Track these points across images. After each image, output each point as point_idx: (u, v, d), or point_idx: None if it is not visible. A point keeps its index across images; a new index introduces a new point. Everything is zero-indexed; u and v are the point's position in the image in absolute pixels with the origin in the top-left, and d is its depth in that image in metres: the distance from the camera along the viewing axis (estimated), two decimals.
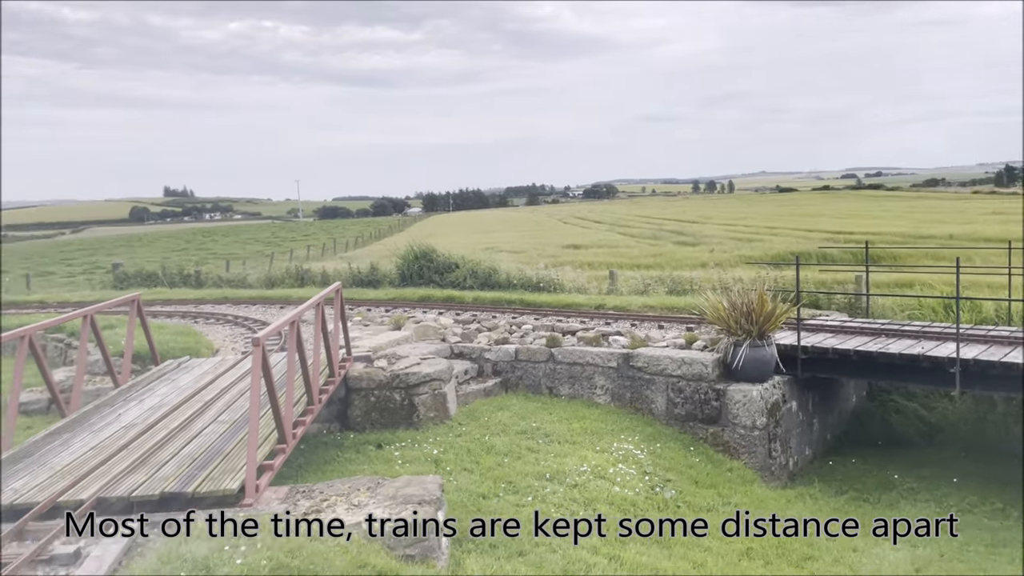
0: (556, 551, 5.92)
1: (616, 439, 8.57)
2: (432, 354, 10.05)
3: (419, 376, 8.69)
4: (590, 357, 10.25)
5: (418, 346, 10.71)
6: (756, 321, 9.20)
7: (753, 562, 6.36)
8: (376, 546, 4.72)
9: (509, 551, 5.88)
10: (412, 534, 5.04)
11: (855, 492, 8.69)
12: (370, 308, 14.93)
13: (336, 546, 4.45)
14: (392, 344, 10.66)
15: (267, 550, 4.21)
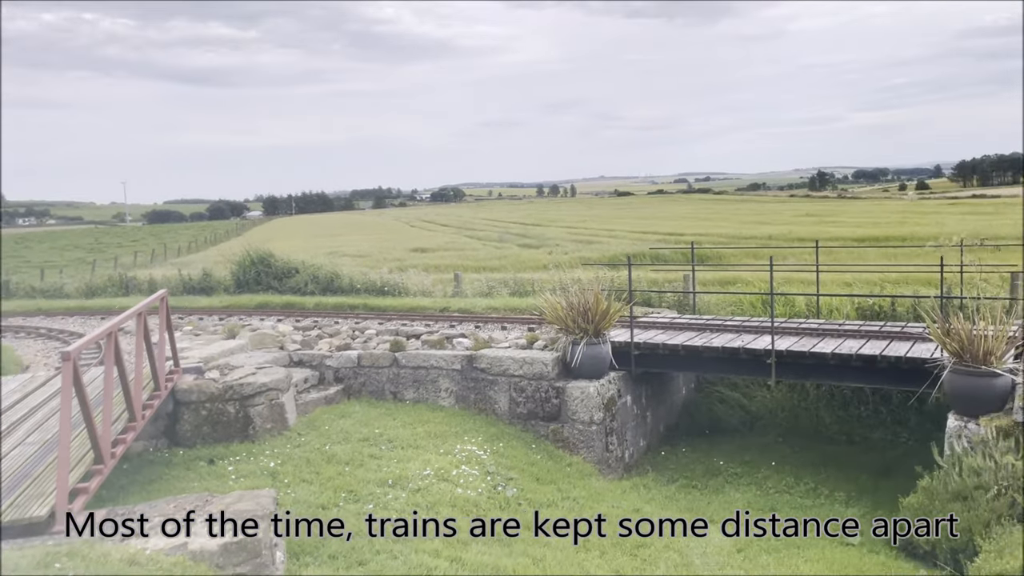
0: (397, 557, 5.87)
1: (460, 441, 8.61)
2: (269, 363, 9.71)
3: (254, 386, 8.37)
4: (434, 360, 10.25)
5: (254, 355, 10.30)
6: (592, 320, 9.51)
7: (590, 553, 6.58)
8: (203, 567, 4.49)
9: (349, 561, 5.77)
10: (243, 552, 4.84)
11: (685, 480, 9.18)
12: (202, 317, 14.22)
13: (157, 569, 4.20)
14: (226, 354, 10.20)
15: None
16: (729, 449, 10.13)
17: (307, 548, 5.90)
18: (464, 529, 6.50)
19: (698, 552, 6.81)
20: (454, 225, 68.50)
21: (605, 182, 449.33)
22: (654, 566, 6.44)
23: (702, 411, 11.36)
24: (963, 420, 7.24)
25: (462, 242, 43.55)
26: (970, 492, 6.49)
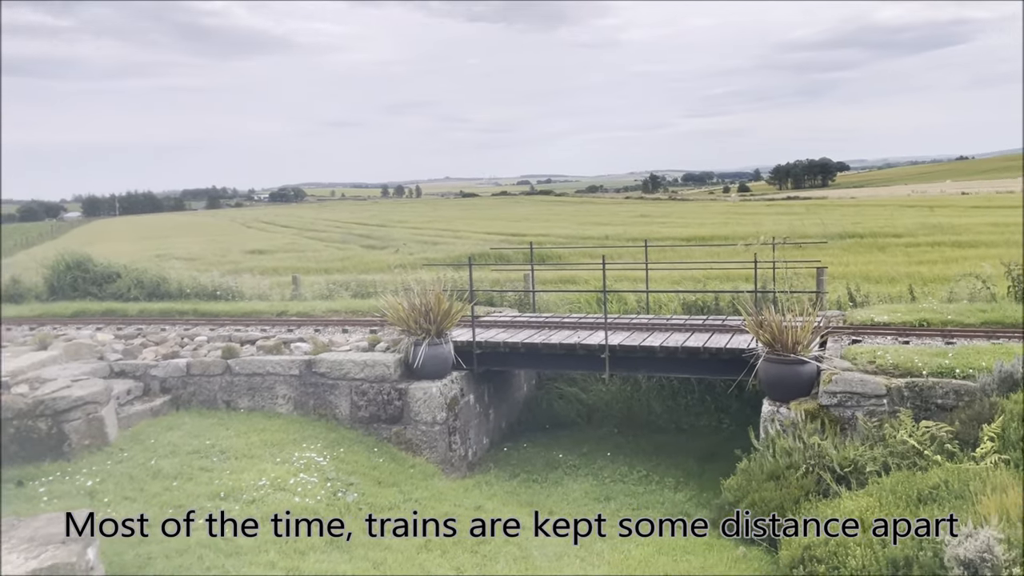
0: (230, 572, 5.63)
1: (298, 448, 8.38)
2: (87, 375, 9.04)
3: (69, 400, 7.77)
4: (270, 366, 9.91)
5: (69, 367, 9.55)
6: (434, 320, 9.53)
7: (431, 553, 6.58)
8: None
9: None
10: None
11: (526, 474, 9.38)
12: (10, 327, 13.01)
13: None
14: (36, 366, 9.39)
15: None
16: (568, 442, 10.45)
17: (129, 569, 5.55)
18: (301, 538, 6.33)
19: (537, 544, 6.98)
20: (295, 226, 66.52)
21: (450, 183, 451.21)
22: (494, 561, 6.53)
23: (542, 407, 11.64)
24: (775, 405, 7.84)
25: (303, 243, 42.37)
26: (782, 471, 7.03)
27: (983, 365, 7.30)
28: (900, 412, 7.14)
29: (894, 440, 6.84)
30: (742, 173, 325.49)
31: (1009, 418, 6.27)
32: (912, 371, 7.53)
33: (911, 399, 7.30)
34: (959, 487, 5.68)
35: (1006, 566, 4.60)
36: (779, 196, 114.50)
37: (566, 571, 6.35)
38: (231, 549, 6.01)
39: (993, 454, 6.09)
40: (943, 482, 5.83)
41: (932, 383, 7.27)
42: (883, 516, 5.72)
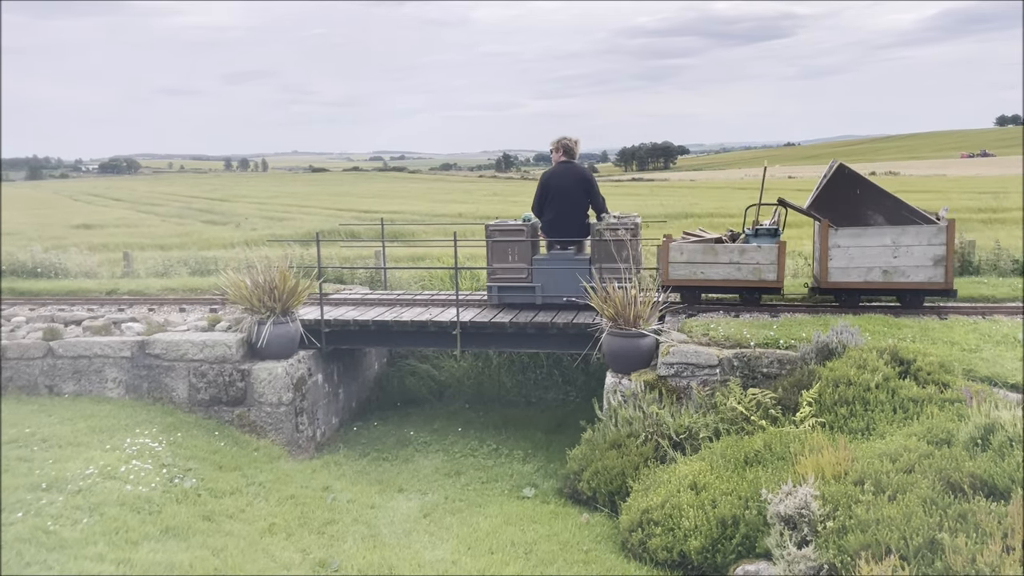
0: (52, 568, 5.25)
1: (131, 434, 7.89)
2: None
3: None
4: (99, 348, 9.26)
5: None
6: (279, 298, 9.21)
7: (276, 537, 6.41)
8: None
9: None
10: None
11: (376, 452, 9.30)
12: None
13: None
14: None
15: None
16: (419, 419, 10.45)
17: None
18: (134, 528, 5.98)
19: (386, 522, 6.94)
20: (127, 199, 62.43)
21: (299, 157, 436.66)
22: (342, 541, 6.44)
23: (394, 384, 11.57)
24: (618, 377, 8.16)
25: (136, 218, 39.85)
26: (623, 440, 7.34)
27: (803, 336, 7.90)
28: (730, 381, 7.61)
29: (724, 407, 7.29)
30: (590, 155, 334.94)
31: (825, 384, 6.83)
32: (741, 342, 8.03)
33: (740, 368, 7.79)
34: (781, 449, 6.13)
35: (821, 520, 5.02)
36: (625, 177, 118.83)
37: (415, 547, 6.36)
38: (54, 543, 5.59)
39: (811, 418, 6.62)
40: (767, 445, 6.28)
41: (759, 353, 7.79)
42: (713, 478, 6.10)
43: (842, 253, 8.91)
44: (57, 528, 5.82)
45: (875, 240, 8.80)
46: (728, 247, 9.19)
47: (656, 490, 6.34)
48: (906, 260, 8.77)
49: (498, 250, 9.90)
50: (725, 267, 9.17)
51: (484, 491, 7.95)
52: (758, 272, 9.10)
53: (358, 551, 6.23)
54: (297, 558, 6.06)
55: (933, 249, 8.71)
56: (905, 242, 8.75)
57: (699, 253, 9.23)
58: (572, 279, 9.52)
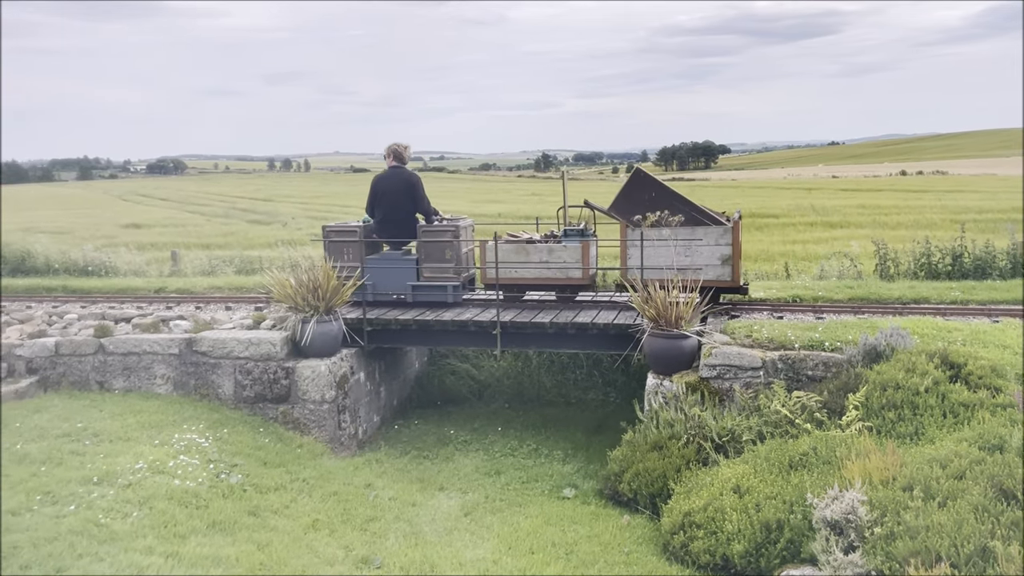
0: (104, 559, 5.38)
1: (178, 430, 8.06)
2: None
3: None
4: (147, 345, 9.46)
5: None
6: (323, 297, 9.32)
7: (319, 533, 6.49)
8: None
9: (45, 568, 5.19)
10: None
11: (417, 451, 9.36)
12: None
13: None
14: None
15: None
16: (459, 418, 10.49)
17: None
18: (182, 522, 6.11)
19: (427, 520, 6.99)
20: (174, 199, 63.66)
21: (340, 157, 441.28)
22: (384, 538, 6.50)
23: (434, 383, 11.63)
24: (659, 378, 8.11)
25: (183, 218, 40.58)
26: (665, 442, 7.30)
27: (850, 338, 7.78)
28: (774, 383, 7.52)
29: (768, 410, 7.21)
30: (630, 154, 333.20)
31: (872, 388, 6.71)
32: (785, 344, 7.93)
33: (784, 371, 7.70)
34: (827, 453, 6.04)
35: (868, 526, 4.94)
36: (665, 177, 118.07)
37: (456, 545, 6.40)
38: (105, 536, 5.74)
39: (857, 421, 6.51)
40: (812, 449, 6.19)
41: (804, 355, 7.69)
42: (757, 482, 6.03)
43: (639, 252, 9.35)
44: (108, 521, 5.96)
45: (668, 239, 9.30)
46: (538, 247, 9.72)
47: (698, 493, 6.30)
48: (697, 259, 9.24)
49: (335, 250, 10.27)
50: (536, 266, 9.74)
51: (524, 491, 7.96)
52: (565, 271, 9.66)
53: (400, 548, 6.28)
54: (340, 554, 6.13)
55: (720, 249, 9.21)
56: (696, 241, 9.25)
57: (512, 253, 9.77)
58: (401, 277, 10.12)
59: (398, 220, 10.30)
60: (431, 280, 9.98)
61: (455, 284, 10.03)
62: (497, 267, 9.71)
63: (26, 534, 5.63)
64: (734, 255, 9.18)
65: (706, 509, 5.98)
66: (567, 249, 9.64)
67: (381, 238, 10.41)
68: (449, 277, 9.94)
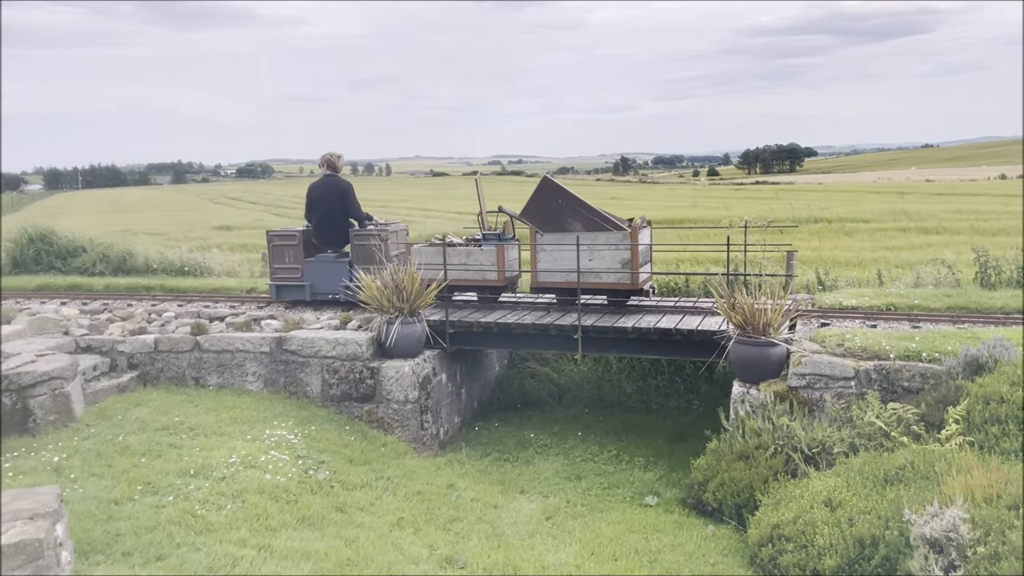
0: (200, 549, 5.59)
1: (269, 426, 8.31)
2: (52, 349, 8.86)
3: (35, 375, 7.62)
4: (240, 343, 9.80)
5: (33, 341, 9.36)
6: (407, 299, 9.47)
7: (404, 531, 6.59)
8: None
9: (146, 556, 5.42)
10: (22, 555, 4.41)
11: (497, 453, 9.41)
12: None
13: None
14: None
15: None
16: (539, 422, 10.50)
17: (98, 546, 5.48)
18: (273, 516, 6.30)
19: (509, 522, 7.02)
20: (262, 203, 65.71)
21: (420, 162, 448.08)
22: (466, 539, 6.55)
23: (514, 386, 11.67)
24: (745, 387, 7.93)
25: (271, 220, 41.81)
26: (751, 452, 7.13)
27: (949, 349, 7.45)
28: (868, 394, 7.26)
29: (861, 422, 6.97)
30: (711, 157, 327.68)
31: (974, 401, 6.41)
32: (880, 354, 7.65)
33: (878, 381, 7.43)
34: (925, 468, 5.80)
35: (971, 545, 4.72)
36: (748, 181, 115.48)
37: (538, 548, 6.40)
38: (202, 526, 5.96)
39: (958, 436, 6.23)
40: (909, 463, 5.95)
41: (899, 366, 7.40)
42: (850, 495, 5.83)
43: (547, 255, 9.93)
44: (204, 512, 6.19)
45: (573, 244, 9.62)
46: (458, 250, 10.39)
47: (787, 505, 6.13)
48: (599, 263, 9.67)
49: (277, 253, 11.24)
50: (456, 268, 10.39)
51: (605, 497, 7.91)
52: (482, 272, 10.30)
53: (483, 550, 6.32)
54: (424, 553, 6.21)
55: (620, 253, 9.60)
56: (598, 246, 9.64)
57: (436, 256, 10.42)
58: (335, 277, 10.83)
59: (331, 225, 11.08)
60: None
61: None
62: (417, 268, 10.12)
63: (128, 522, 5.89)
64: (633, 259, 9.56)
65: (796, 522, 5.82)
66: (484, 252, 10.27)
67: (317, 241, 11.18)
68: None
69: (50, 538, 4.63)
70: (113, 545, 5.54)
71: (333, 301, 10.93)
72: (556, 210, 9.95)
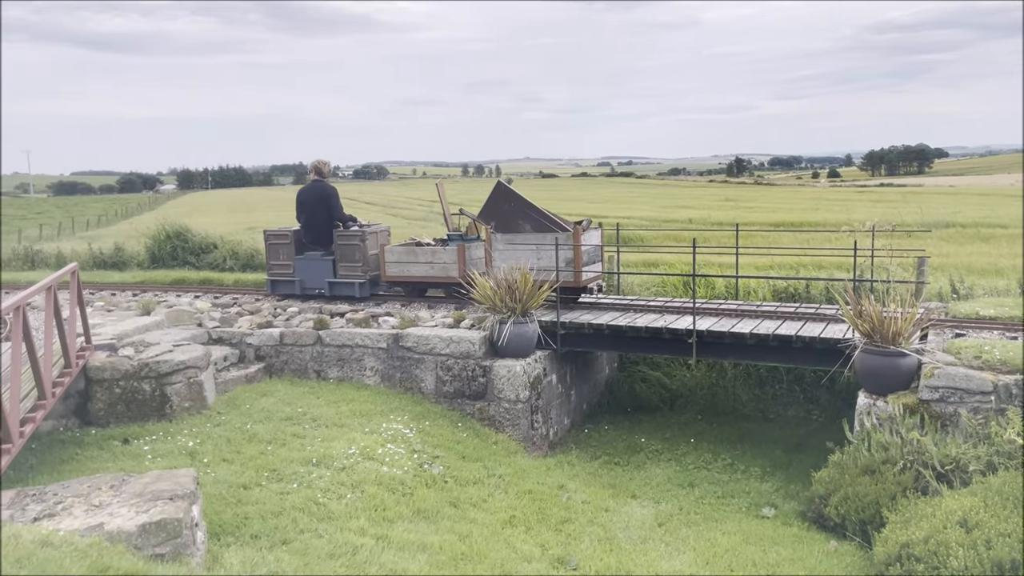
0: (322, 536, 5.81)
1: (386, 419, 8.55)
2: (187, 340, 9.41)
3: (172, 364, 8.10)
4: (359, 339, 10.12)
5: (171, 332, 9.97)
6: (519, 299, 9.54)
7: (516, 529, 6.64)
8: (120, 548, 4.34)
9: (272, 540, 5.67)
10: (162, 532, 4.70)
11: (607, 456, 9.35)
12: (115, 292, 13.67)
13: (72, 551, 4.03)
14: (140, 330, 9.84)
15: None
16: (650, 427, 10.36)
17: (228, 528, 5.77)
18: (390, 507, 6.47)
19: (621, 526, 6.96)
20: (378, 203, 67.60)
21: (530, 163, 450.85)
22: (578, 540, 6.54)
23: (624, 389, 11.56)
24: (872, 398, 7.58)
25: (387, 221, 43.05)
26: (878, 466, 6.81)
27: None
28: (1008, 410, 6.81)
29: (1000, 439, 6.55)
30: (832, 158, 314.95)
31: None
32: (1022, 368, 7.15)
33: (1020, 397, 6.95)
34: None
35: None
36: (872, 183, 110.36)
37: (651, 555, 6.31)
38: (323, 514, 6.19)
39: None
40: None
41: None
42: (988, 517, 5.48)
43: (500, 255, 10.62)
44: (326, 501, 6.43)
45: (523, 244, 10.50)
46: (424, 249, 11.43)
47: (918, 523, 5.82)
48: (547, 261, 10.26)
49: (272, 251, 12.32)
50: (423, 266, 11.40)
51: (720, 506, 7.73)
52: (445, 270, 11.22)
53: (595, 553, 6.30)
54: (536, 552, 6.24)
55: (564, 252, 10.28)
56: (545, 246, 10.34)
57: (404, 255, 11.53)
58: (321, 274, 11.93)
59: (317, 226, 11.97)
60: (344, 278, 11.77)
61: (361, 282, 11.71)
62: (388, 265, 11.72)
63: (255, 507, 6.18)
64: (576, 258, 10.25)
65: (927, 542, 5.51)
66: (447, 251, 11.22)
67: (305, 241, 12.10)
68: (357, 275, 11.67)
69: (187, 518, 4.91)
70: (242, 528, 5.82)
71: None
72: (508, 212, 10.82)
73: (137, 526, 4.67)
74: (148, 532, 4.69)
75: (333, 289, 11.86)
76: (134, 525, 4.67)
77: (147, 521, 4.73)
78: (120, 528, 4.61)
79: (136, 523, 4.69)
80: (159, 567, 4.34)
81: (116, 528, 4.60)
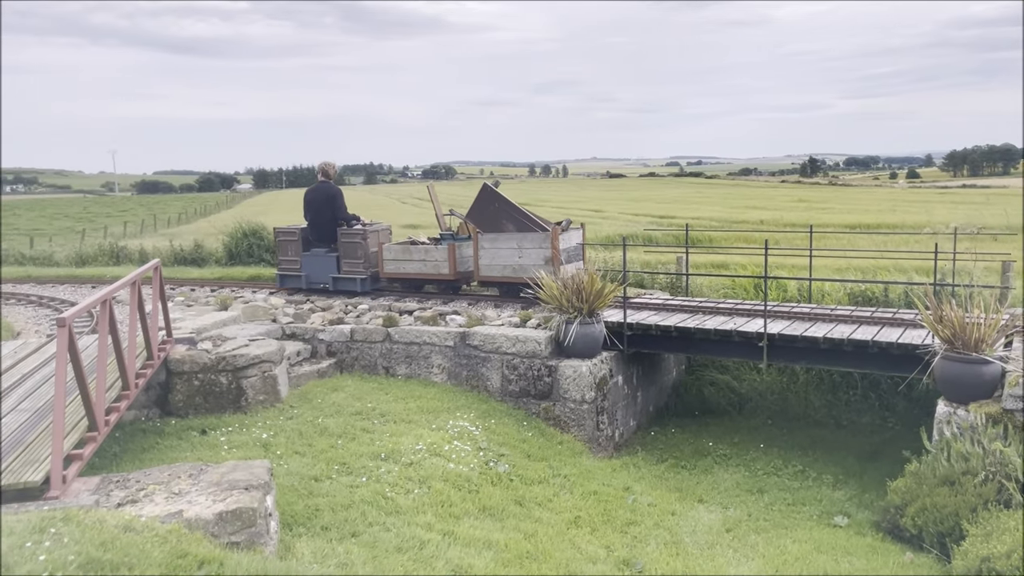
0: (390, 530, 5.90)
1: (452, 416, 8.64)
2: (262, 335, 9.68)
3: (247, 358, 8.35)
4: (427, 336, 10.25)
5: (246, 327, 10.27)
6: (586, 300, 9.52)
7: (581, 529, 6.63)
8: (198, 535, 4.50)
9: (342, 532, 5.80)
10: (238, 521, 4.85)
11: (674, 459, 9.25)
12: (194, 288, 14.15)
13: (153, 536, 4.20)
14: (218, 325, 10.17)
15: (75, 544, 3.90)
16: (718, 431, 10.20)
17: (300, 519, 5.92)
18: (456, 503, 6.54)
19: (688, 530, 6.88)
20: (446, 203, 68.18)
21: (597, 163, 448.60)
22: (644, 543, 6.50)
23: (692, 393, 11.42)
24: (952, 406, 7.31)
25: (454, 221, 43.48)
26: (958, 477, 6.56)
27: None
28: None
29: None
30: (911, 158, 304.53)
31: None
32: None
33: None
34: None
35: None
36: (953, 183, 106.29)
37: (718, 560, 6.23)
38: (391, 508, 6.29)
39: None
40: None
41: None
42: None
43: (486, 253, 11.48)
44: (394, 495, 6.53)
45: (505, 243, 11.28)
46: (418, 248, 12.25)
47: (1000, 537, 5.59)
48: (527, 259, 11.06)
49: (282, 247, 13.10)
50: (417, 263, 12.19)
51: (790, 513, 7.56)
52: (437, 267, 11.99)
53: (661, 556, 6.24)
54: (602, 553, 6.22)
55: (543, 251, 10.97)
56: (526, 245, 11.09)
57: (400, 253, 12.33)
58: (325, 270, 12.64)
59: (322, 224, 12.60)
60: (347, 273, 12.46)
61: (363, 277, 12.37)
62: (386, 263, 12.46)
63: (326, 499, 6.33)
64: (554, 256, 10.85)
65: (1010, 556, 5.29)
66: (439, 250, 11.97)
67: (311, 239, 12.79)
68: (359, 271, 12.35)
69: (262, 508, 5.06)
70: (313, 519, 5.97)
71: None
72: (493, 213, 11.61)
73: (214, 514, 4.83)
74: (224, 520, 4.84)
75: (336, 284, 12.56)
76: (211, 513, 4.83)
77: (223, 510, 4.89)
78: (198, 516, 4.78)
79: (213, 511, 4.85)
80: (235, 554, 4.48)
81: (194, 515, 4.77)
